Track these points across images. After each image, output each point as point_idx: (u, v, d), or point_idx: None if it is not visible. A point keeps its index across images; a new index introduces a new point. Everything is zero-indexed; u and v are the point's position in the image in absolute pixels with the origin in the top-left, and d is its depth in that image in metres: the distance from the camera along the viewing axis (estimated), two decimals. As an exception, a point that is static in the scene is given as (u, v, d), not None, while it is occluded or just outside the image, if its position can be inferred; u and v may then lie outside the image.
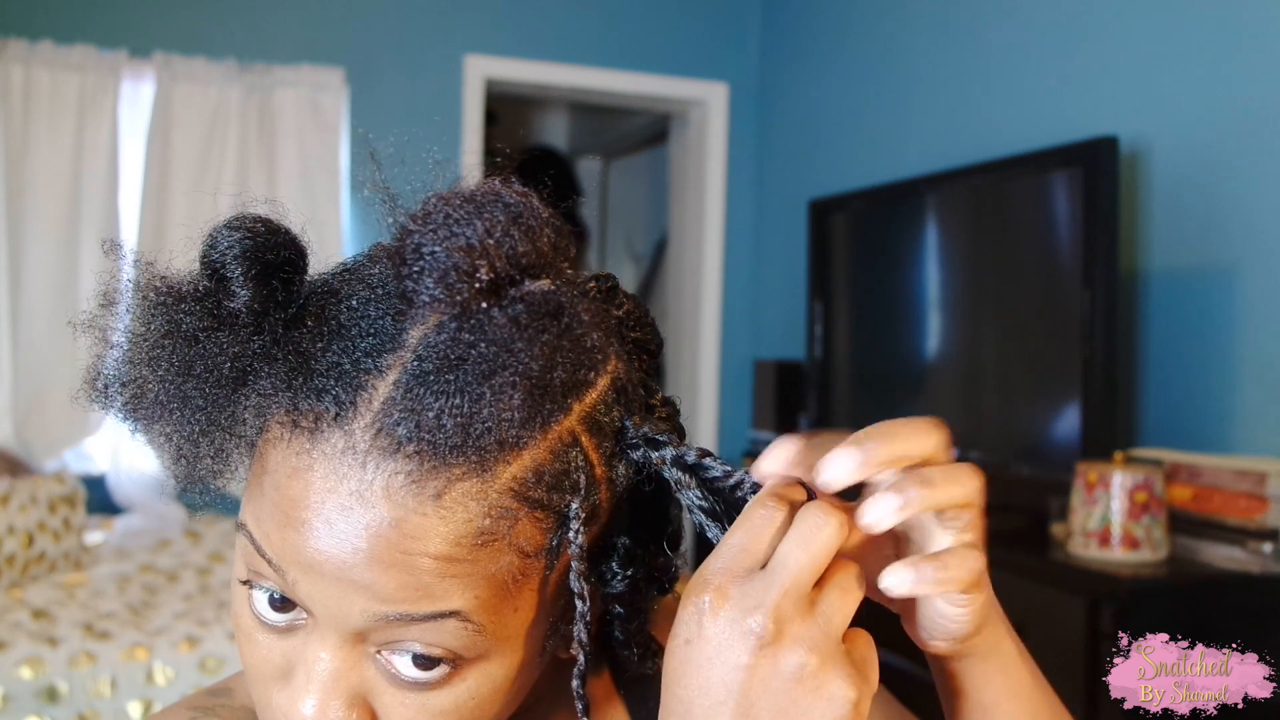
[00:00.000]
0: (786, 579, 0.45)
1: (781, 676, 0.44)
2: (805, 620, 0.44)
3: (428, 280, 0.46)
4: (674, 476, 0.51)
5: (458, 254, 0.46)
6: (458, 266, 0.46)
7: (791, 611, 0.44)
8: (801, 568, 0.45)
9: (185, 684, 2.44)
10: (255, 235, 0.49)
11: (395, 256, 0.48)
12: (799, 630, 0.44)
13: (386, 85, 3.71)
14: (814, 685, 0.44)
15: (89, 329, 0.51)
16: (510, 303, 0.47)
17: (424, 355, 0.46)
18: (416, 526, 0.46)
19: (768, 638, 0.44)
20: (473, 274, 0.46)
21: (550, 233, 0.49)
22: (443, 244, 0.46)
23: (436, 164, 0.51)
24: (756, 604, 0.44)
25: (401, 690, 0.49)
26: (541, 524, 0.49)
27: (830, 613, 0.45)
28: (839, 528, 0.46)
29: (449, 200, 0.48)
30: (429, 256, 0.46)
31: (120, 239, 0.55)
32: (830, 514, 0.46)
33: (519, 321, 0.46)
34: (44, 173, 3.39)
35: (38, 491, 2.93)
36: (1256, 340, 2.15)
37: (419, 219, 0.48)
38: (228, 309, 0.48)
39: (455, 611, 0.47)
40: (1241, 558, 1.90)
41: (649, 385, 0.57)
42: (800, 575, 0.45)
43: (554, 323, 0.47)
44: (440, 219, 0.47)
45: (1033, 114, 2.74)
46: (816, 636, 0.44)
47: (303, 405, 0.48)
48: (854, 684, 0.44)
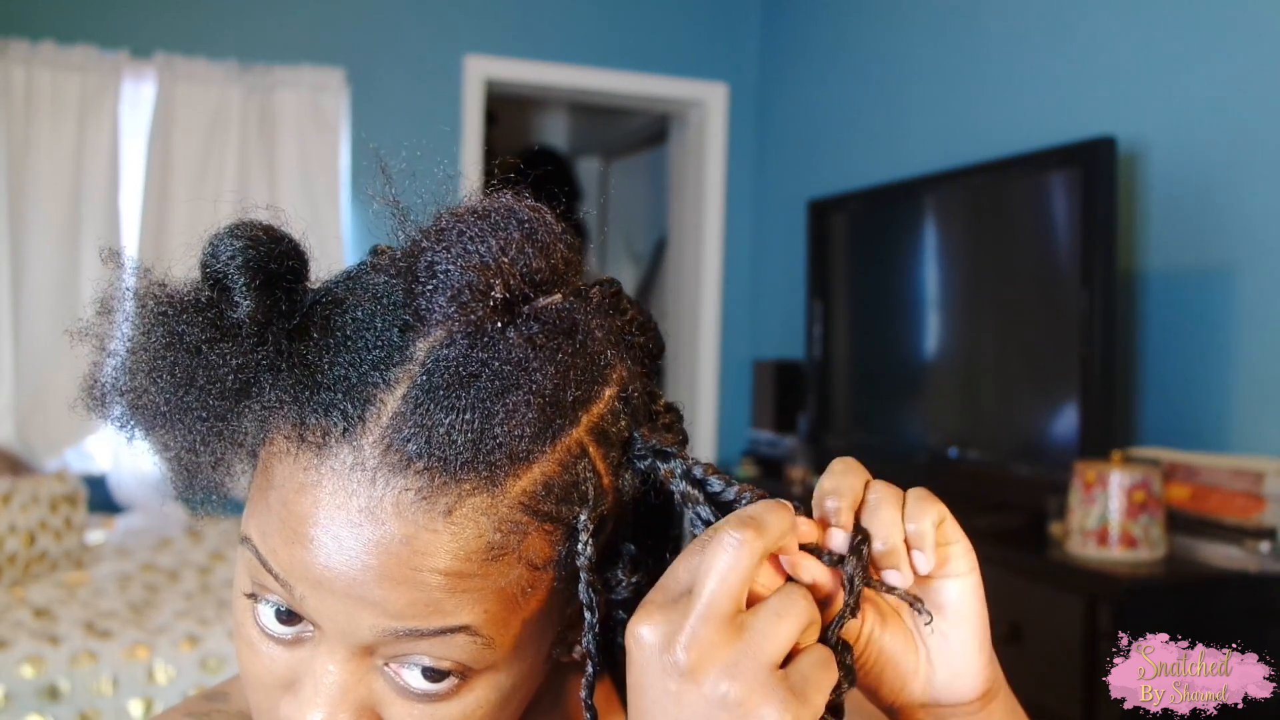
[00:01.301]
0: (701, 606, 0.44)
1: (707, 703, 0.43)
2: (728, 646, 0.43)
3: (441, 298, 0.46)
4: (681, 490, 0.51)
5: (472, 272, 0.46)
6: (472, 285, 0.46)
7: (713, 638, 0.43)
8: (713, 594, 0.44)
9: (186, 683, 2.45)
10: (258, 244, 0.48)
11: (407, 273, 0.48)
12: (720, 656, 0.43)
13: (387, 85, 3.71)
14: (740, 713, 0.43)
15: (86, 337, 0.50)
16: (525, 321, 0.47)
17: (434, 370, 0.46)
18: (427, 543, 0.46)
19: (686, 666, 0.43)
20: (487, 292, 0.46)
21: (563, 248, 0.49)
22: (456, 262, 0.46)
23: (448, 177, 0.51)
24: (676, 630, 0.44)
25: (410, 702, 0.49)
26: (550, 536, 0.49)
27: (759, 638, 0.44)
28: (747, 548, 0.44)
29: (461, 216, 0.47)
30: (443, 274, 0.46)
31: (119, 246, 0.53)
32: (741, 531, 0.44)
33: (534, 341, 0.46)
34: (45, 173, 3.39)
35: (39, 491, 2.93)
36: (1254, 340, 2.16)
37: (432, 235, 0.47)
38: (230, 319, 0.47)
39: (465, 626, 0.47)
40: (1239, 556, 1.91)
41: (653, 391, 0.57)
42: (714, 601, 0.44)
43: (569, 341, 0.47)
44: (454, 236, 0.47)
45: (1031, 114, 2.75)
46: (740, 663, 0.43)
47: (309, 420, 0.47)
48: (785, 709, 0.43)
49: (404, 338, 0.47)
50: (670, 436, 0.54)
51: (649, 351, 0.58)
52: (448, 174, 0.51)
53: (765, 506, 0.47)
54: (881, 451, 2.99)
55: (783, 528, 0.46)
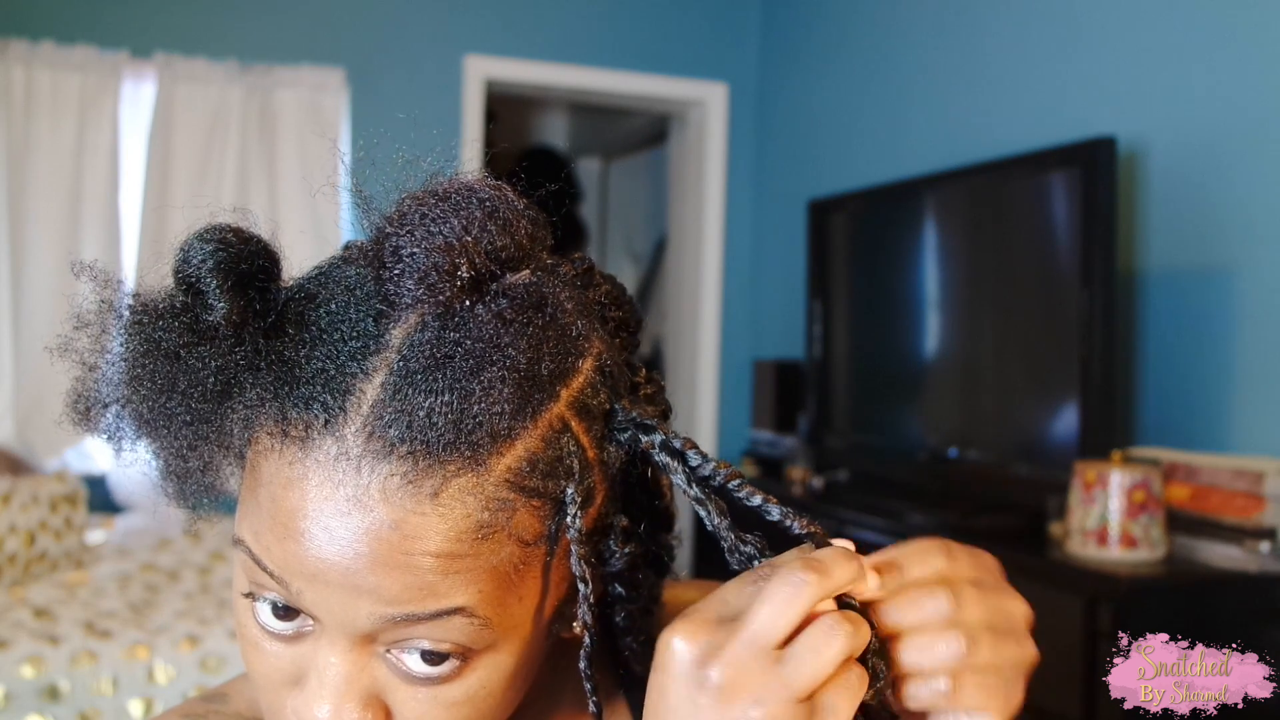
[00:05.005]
0: (748, 632, 0.45)
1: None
2: (763, 673, 0.44)
3: (409, 282, 0.47)
4: (662, 461, 0.52)
5: (437, 253, 0.46)
6: (438, 266, 0.46)
7: (749, 663, 0.44)
8: (764, 623, 0.45)
9: (186, 683, 2.45)
10: (228, 246, 0.48)
11: (375, 260, 0.48)
12: (752, 681, 0.44)
13: (387, 85, 3.71)
14: None
15: (64, 353, 0.50)
16: (493, 298, 0.47)
17: (409, 355, 0.47)
18: (416, 526, 0.46)
19: (718, 684, 0.44)
20: (453, 272, 0.47)
21: (527, 224, 0.50)
22: (421, 244, 0.47)
23: (408, 163, 0.51)
24: (715, 649, 0.45)
25: (413, 686, 0.50)
26: (539, 512, 0.49)
27: (795, 667, 0.45)
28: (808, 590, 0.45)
29: (423, 200, 0.48)
30: (408, 258, 0.47)
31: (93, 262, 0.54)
32: (806, 574, 0.45)
33: (503, 316, 0.47)
34: (45, 173, 3.39)
35: (39, 491, 2.93)
36: (1254, 339, 2.16)
37: (395, 220, 0.48)
38: (206, 322, 0.48)
39: (460, 608, 0.48)
40: (1239, 556, 1.91)
41: (632, 364, 0.57)
42: (762, 631, 0.45)
43: (538, 314, 0.48)
44: (416, 219, 0.47)
45: (1031, 114, 2.75)
46: (771, 689, 0.44)
47: (291, 414, 0.48)
48: None
49: (379, 326, 0.48)
50: (653, 409, 0.55)
51: (626, 325, 0.58)
52: (429, 172, 0.51)
53: (835, 556, 0.47)
54: (881, 451, 2.99)
55: (847, 580, 0.47)
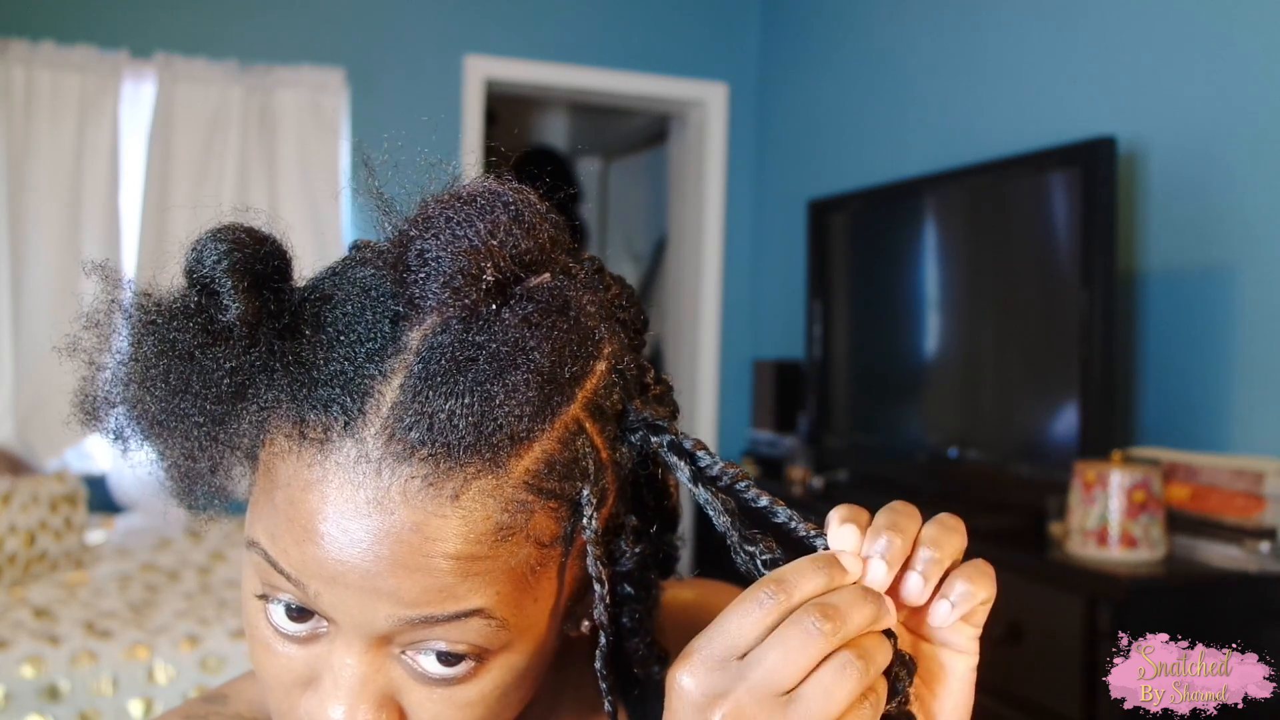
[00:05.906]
0: (756, 678, 0.44)
1: None
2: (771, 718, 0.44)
3: (433, 285, 0.47)
4: (672, 462, 0.52)
5: (463, 257, 0.46)
6: (463, 270, 0.46)
7: (754, 709, 0.44)
8: (773, 668, 0.44)
9: (186, 683, 2.45)
10: (242, 246, 0.48)
11: (396, 263, 0.48)
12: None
13: (387, 85, 3.71)
14: None
15: (74, 352, 0.50)
16: (518, 301, 0.47)
17: (429, 358, 0.46)
18: (437, 529, 0.46)
19: None
20: (479, 276, 0.46)
21: (549, 227, 0.50)
22: (446, 248, 0.46)
23: (431, 165, 0.51)
24: (721, 693, 0.44)
25: (428, 687, 0.50)
26: (556, 513, 0.50)
27: (805, 712, 0.44)
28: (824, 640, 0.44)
29: (447, 203, 0.48)
30: (434, 261, 0.47)
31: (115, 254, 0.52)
32: (823, 624, 0.44)
33: (530, 320, 0.46)
34: (45, 173, 3.39)
35: (39, 491, 2.93)
36: (1254, 339, 2.16)
37: (419, 223, 0.48)
38: (221, 323, 0.47)
39: (478, 609, 0.48)
40: (1239, 556, 1.91)
41: (642, 364, 0.57)
42: (771, 677, 0.44)
43: (563, 318, 0.48)
44: (441, 222, 0.47)
45: (1031, 114, 2.75)
46: None
47: (309, 417, 0.47)
48: None
49: (395, 328, 0.48)
50: (663, 409, 0.55)
51: (635, 325, 0.59)
52: (429, 161, 0.51)
53: (855, 598, 0.45)
54: (881, 451, 2.99)
55: (865, 624, 0.45)
